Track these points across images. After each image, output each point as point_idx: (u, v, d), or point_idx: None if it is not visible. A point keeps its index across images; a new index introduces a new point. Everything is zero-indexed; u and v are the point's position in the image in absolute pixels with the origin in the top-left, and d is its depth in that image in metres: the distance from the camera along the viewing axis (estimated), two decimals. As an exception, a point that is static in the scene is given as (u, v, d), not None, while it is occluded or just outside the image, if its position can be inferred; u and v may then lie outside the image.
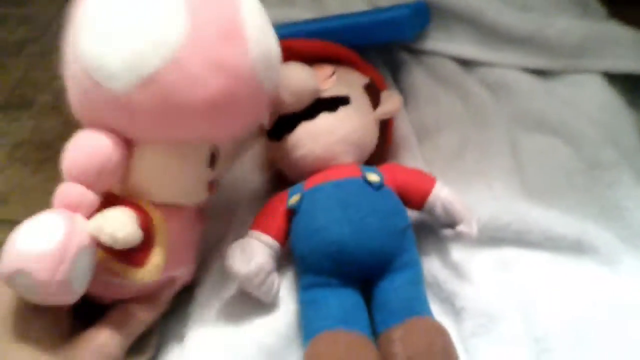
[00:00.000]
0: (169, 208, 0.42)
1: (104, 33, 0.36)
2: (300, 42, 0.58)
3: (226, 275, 0.47)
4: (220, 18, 0.38)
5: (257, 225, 0.49)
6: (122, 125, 0.38)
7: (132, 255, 0.39)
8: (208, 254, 0.52)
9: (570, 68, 0.68)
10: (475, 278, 0.47)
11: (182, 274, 0.47)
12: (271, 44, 0.43)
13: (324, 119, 0.51)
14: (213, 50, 0.37)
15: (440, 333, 0.41)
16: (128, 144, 0.39)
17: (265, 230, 0.48)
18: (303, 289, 0.47)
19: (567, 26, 0.67)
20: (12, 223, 0.35)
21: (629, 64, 0.66)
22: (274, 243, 0.48)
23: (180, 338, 0.47)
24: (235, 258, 0.45)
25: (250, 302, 0.47)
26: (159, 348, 0.47)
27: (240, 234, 0.48)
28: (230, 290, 0.49)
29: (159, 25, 0.36)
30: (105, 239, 0.36)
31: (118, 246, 0.36)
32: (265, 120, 0.47)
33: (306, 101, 0.51)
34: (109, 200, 0.39)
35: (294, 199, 0.48)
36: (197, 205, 0.47)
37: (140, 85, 0.36)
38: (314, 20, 0.68)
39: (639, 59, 0.66)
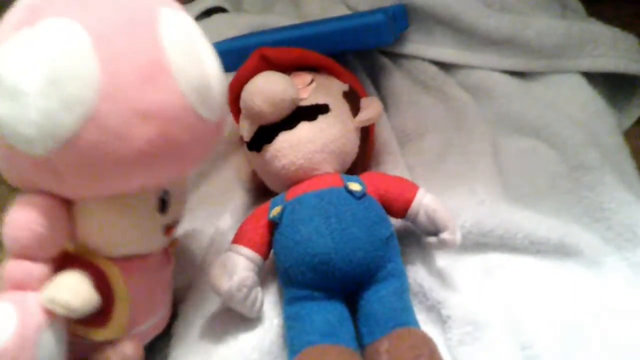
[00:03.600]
0: (128, 260, 0.40)
1: (12, 95, 0.33)
2: (278, 51, 0.57)
3: (209, 290, 0.46)
4: (138, 60, 0.34)
5: (238, 238, 0.48)
6: (53, 187, 0.36)
7: (93, 316, 0.37)
8: (190, 269, 0.51)
9: (550, 69, 0.68)
10: (461, 286, 0.47)
11: (154, 323, 0.44)
12: (205, 66, 0.39)
13: (304, 129, 0.51)
14: (135, 99, 0.33)
15: (427, 343, 0.40)
16: (68, 203, 0.37)
17: (247, 244, 0.47)
18: (287, 303, 0.46)
19: (546, 26, 0.67)
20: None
21: (609, 63, 0.66)
22: (256, 257, 0.47)
23: (164, 356, 0.46)
24: (217, 273, 0.45)
25: (234, 318, 0.46)
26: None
27: (222, 248, 0.48)
28: (214, 306, 0.48)
29: (70, 81, 0.32)
30: (60, 310, 0.34)
31: (76, 315, 0.35)
32: (216, 148, 0.44)
33: (285, 111, 0.51)
34: (63, 259, 0.38)
35: (275, 211, 0.48)
36: (159, 251, 0.44)
37: (62, 147, 0.33)
38: (291, 27, 0.68)
39: (618, 58, 0.66)
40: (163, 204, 0.41)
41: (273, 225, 0.48)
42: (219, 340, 0.45)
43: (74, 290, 0.35)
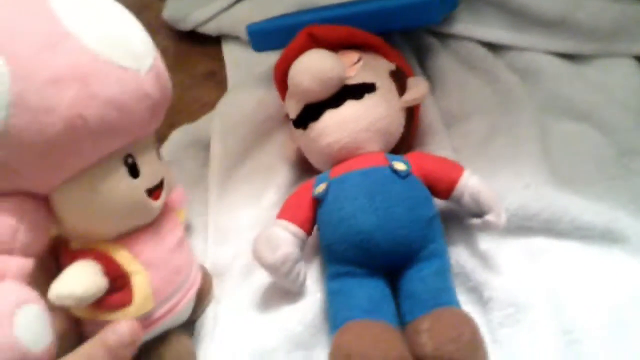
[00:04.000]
0: (130, 236, 0.41)
1: None
2: (326, 29, 0.57)
3: (254, 264, 0.47)
4: (35, 35, 0.33)
5: (283, 214, 0.49)
6: (14, 184, 0.36)
7: (115, 298, 0.39)
8: (235, 243, 0.53)
9: (602, 52, 0.66)
10: (504, 268, 0.47)
11: (186, 285, 0.45)
12: (114, 19, 0.38)
13: (350, 107, 0.51)
14: (44, 68, 0.33)
15: (468, 323, 0.40)
16: (38, 197, 0.37)
17: (292, 219, 0.48)
18: (330, 278, 0.47)
19: (599, 8, 0.65)
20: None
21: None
22: (300, 232, 0.48)
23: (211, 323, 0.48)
24: (262, 247, 0.46)
25: (277, 291, 0.47)
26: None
27: (267, 223, 0.49)
28: (258, 280, 0.49)
29: None
30: (67, 302, 0.35)
31: (84, 302, 0.36)
32: (165, 104, 0.42)
33: (332, 89, 0.51)
34: (66, 256, 0.39)
35: (320, 188, 0.48)
36: (154, 217, 0.44)
37: (2, 145, 0.33)
38: (339, 5, 0.67)
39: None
40: (132, 168, 0.40)
41: (317, 202, 0.49)
42: (262, 313, 0.47)
43: (76, 279, 0.36)
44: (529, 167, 0.53)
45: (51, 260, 0.41)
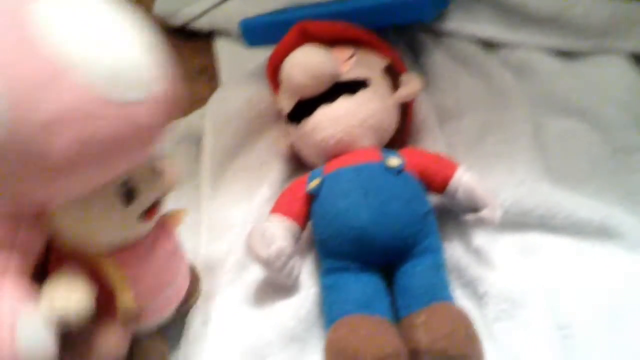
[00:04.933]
0: (121, 249, 0.40)
1: None
2: (319, 25, 0.57)
3: (247, 259, 0.47)
4: (24, 69, 0.30)
5: (277, 209, 0.49)
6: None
7: (100, 309, 0.38)
8: (230, 236, 0.52)
9: (596, 49, 0.66)
10: (498, 263, 0.47)
11: (171, 292, 0.44)
12: (114, 45, 0.34)
13: (344, 103, 0.51)
14: (38, 109, 0.30)
15: (463, 318, 0.40)
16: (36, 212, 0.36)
17: (286, 214, 0.48)
18: (324, 273, 0.46)
19: (593, 6, 0.65)
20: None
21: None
22: (295, 227, 0.48)
23: (204, 319, 0.47)
24: (256, 242, 0.45)
25: (272, 286, 0.47)
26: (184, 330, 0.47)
27: (261, 219, 0.48)
28: (252, 275, 0.48)
29: None
30: (61, 319, 0.34)
31: (77, 318, 0.35)
32: (168, 126, 0.39)
33: (325, 85, 0.51)
34: (57, 257, 0.38)
35: (313, 183, 0.48)
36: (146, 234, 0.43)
37: None
38: (333, 1, 0.67)
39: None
40: (128, 195, 0.38)
41: (311, 198, 0.48)
42: (257, 308, 0.46)
43: (68, 296, 0.35)
44: (523, 163, 0.54)
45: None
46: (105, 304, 0.39)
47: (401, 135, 0.57)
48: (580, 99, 0.60)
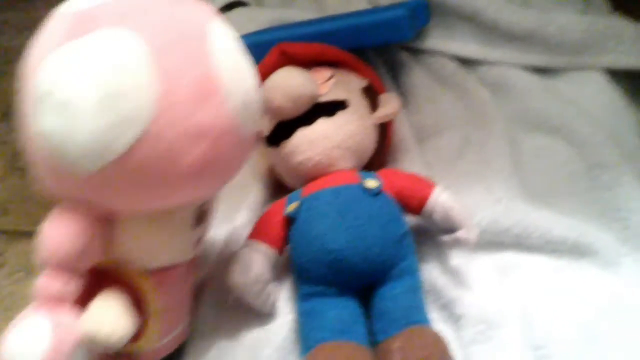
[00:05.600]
0: (159, 271, 0.40)
1: (66, 109, 0.31)
2: (298, 46, 0.57)
3: (224, 284, 0.47)
4: (193, 77, 0.33)
5: (255, 234, 0.49)
6: (98, 202, 0.35)
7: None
8: (206, 265, 0.52)
9: (572, 65, 0.67)
10: (475, 284, 0.47)
11: (178, 333, 0.45)
12: (247, 79, 0.38)
13: (322, 125, 0.51)
14: (190, 117, 0.33)
15: (438, 343, 0.41)
16: (109, 218, 0.36)
17: (263, 239, 0.48)
18: (301, 298, 0.46)
19: (568, 22, 0.66)
20: (11, 233, 0.34)
21: (632, 60, 0.65)
22: (272, 252, 0.47)
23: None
24: (233, 268, 0.45)
25: (248, 313, 0.47)
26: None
27: (239, 244, 0.48)
28: (229, 300, 0.48)
29: (127, 96, 0.31)
30: (102, 346, 0.34)
31: (116, 347, 0.35)
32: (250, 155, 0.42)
33: (304, 107, 0.51)
34: (94, 274, 0.37)
35: (291, 207, 0.48)
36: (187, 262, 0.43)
37: (114, 163, 0.32)
38: (311, 22, 0.68)
39: (641, 55, 0.65)
40: (199, 218, 0.41)
41: (289, 221, 0.48)
42: (233, 335, 0.46)
43: (113, 324, 0.35)
44: (500, 182, 0.54)
45: None
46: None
47: (380, 155, 0.58)
48: (556, 116, 0.61)
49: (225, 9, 0.85)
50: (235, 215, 0.56)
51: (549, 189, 0.55)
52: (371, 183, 0.48)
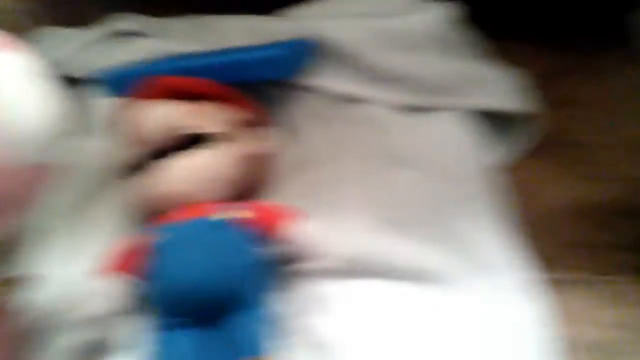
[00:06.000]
0: None
1: None
2: (175, 79, 0.58)
3: (77, 317, 0.46)
4: None
5: (109, 266, 0.49)
6: None
7: None
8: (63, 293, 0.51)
9: (443, 105, 0.71)
10: (328, 312, 0.49)
11: None
12: (31, 108, 0.38)
13: (190, 157, 0.52)
14: None
15: None
16: None
17: (118, 270, 0.48)
18: (155, 330, 0.47)
19: (442, 67, 0.70)
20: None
21: (493, 102, 0.70)
22: (126, 285, 0.48)
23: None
24: (87, 301, 0.45)
25: (100, 346, 0.46)
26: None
27: (93, 275, 0.48)
28: (83, 334, 0.48)
29: None
30: None
31: None
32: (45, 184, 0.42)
33: (173, 138, 0.52)
34: None
35: (147, 239, 0.49)
36: None
37: None
38: (191, 56, 0.69)
39: (503, 98, 0.70)
40: None
41: (145, 252, 0.49)
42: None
43: None
44: (356, 213, 0.56)
45: None
46: None
47: (253, 189, 0.59)
48: (418, 151, 0.65)
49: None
50: (90, 247, 0.55)
51: (409, 220, 0.58)
52: (226, 214, 0.49)
